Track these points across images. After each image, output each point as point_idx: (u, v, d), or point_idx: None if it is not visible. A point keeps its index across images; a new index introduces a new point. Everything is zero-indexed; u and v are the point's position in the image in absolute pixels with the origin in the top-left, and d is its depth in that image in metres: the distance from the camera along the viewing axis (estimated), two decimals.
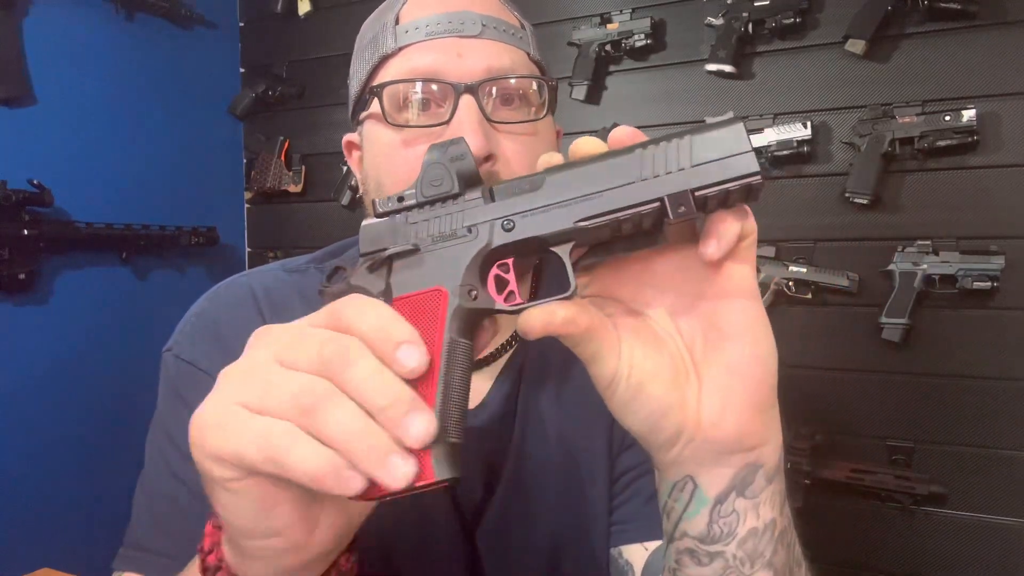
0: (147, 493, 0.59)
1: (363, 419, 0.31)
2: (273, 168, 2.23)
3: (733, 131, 0.36)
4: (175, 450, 0.58)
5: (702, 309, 0.39)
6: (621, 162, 0.37)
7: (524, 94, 0.59)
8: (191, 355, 0.60)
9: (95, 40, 1.88)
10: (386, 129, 0.59)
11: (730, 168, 0.35)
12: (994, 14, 1.45)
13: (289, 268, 0.67)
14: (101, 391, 1.84)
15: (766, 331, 0.38)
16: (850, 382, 1.60)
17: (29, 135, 1.71)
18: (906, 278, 1.49)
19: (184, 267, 2.08)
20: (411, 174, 0.56)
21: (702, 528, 0.40)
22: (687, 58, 1.74)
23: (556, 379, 0.65)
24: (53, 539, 1.70)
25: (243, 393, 0.33)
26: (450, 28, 0.58)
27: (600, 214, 0.37)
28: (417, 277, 0.39)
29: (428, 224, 0.40)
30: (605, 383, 0.38)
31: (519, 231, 0.38)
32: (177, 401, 0.59)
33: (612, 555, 0.66)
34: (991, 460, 1.48)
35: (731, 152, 0.36)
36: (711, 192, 0.35)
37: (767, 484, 0.39)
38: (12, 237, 1.62)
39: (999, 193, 1.46)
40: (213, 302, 0.64)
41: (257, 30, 2.31)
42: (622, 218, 0.36)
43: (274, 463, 0.31)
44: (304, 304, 0.62)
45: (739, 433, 0.38)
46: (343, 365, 0.32)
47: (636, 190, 0.36)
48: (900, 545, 1.56)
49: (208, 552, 0.37)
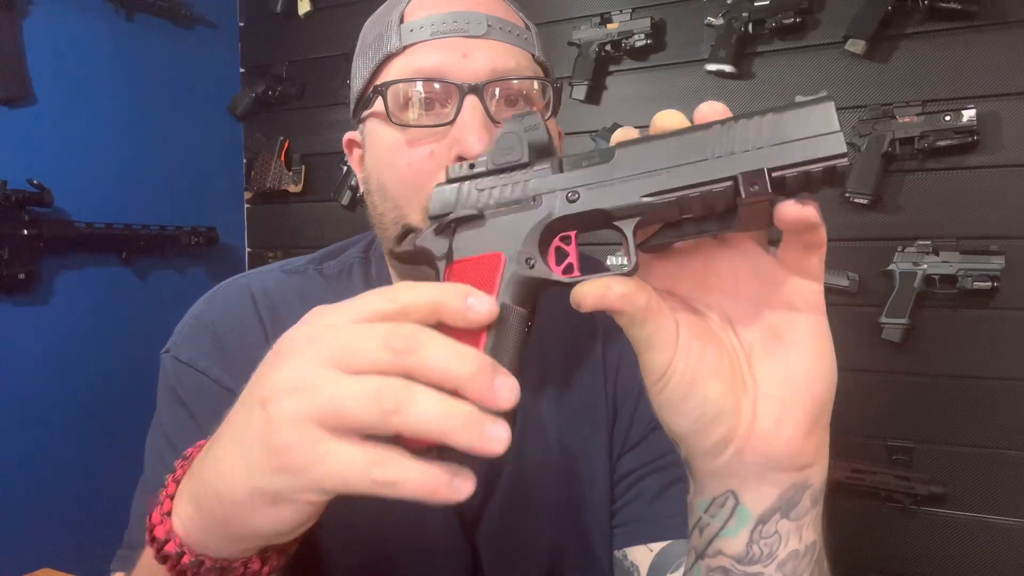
0: (146, 495, 0.59)
1: (447, 400, 0.30)
2: (273, 168, 2.23)
3: (821, 109, 0.33)
4: (173, 452, 0.58)
5: (765, 317, 0.37)
6: (696, 138, 0.35)
7: (528, 95, 0.59)
8: (189, 356, 0.60)
9: (95, 40, 1.88)
10: (389, 128, 0.58)
11: (814, 148, 0.33)
12: (994, 14, 1.45)
13: (288, 269, 0.67)
14: (101, 391, 1.84)
15: (830, 348, 0.37)
16: (850, 382, 1.57)
17: (29, 135, 1.71)
18: (906, 278, 1.49)
19: (184, 267, 2.08)
20: (415, 174, 0.56)
21: (740, 548, 0.38)
22: (687, 58, 1.74)
23: (556, 382, 0.65)
24: (53, 539, 1.69)
25: (315, 413, 0.30)
26: (455, 28, 0.57)
27: (668, 190, 0.35)
28: (478, 242, 0.39)
29: (495, 191, 0.40)
30: (656, 375, 0.36)
31: (583, 203, 0.37)
32: (176, 403, 0.59)
33: (617, 558, 0.66)
34: (991, 460, 1.48)
35: (816, 132, 0.33)
36: (790, 173, 0.33)
37: (812, 507, 0.38)
38: (12, 237, 1.62)
39: (999, 193, 1.46)
40: (211, 304, 0.64)
41: (257, 30, 2.31)
42: (692, 195, 0.35)
43: (385, 485, 0.30)
44: (303, 305, 0.62)
45: (791, 450, 0.36)
46: (417, 349, 0.31)
47: (709, 167, 0.34)
48: (900, 545, 1.55)
49: (165, 541, 0.36)
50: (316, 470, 0.30)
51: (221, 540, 0.35)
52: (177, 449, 0.57)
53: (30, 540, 1.65)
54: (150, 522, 0.37)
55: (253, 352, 0.58)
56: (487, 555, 0.62)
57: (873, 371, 1.57)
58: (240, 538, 0.35)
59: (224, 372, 0.59)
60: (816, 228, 0.34)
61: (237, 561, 0.36)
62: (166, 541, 0.36)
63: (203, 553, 0.36)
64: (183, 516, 0.36)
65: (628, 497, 0.65)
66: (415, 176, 0.57)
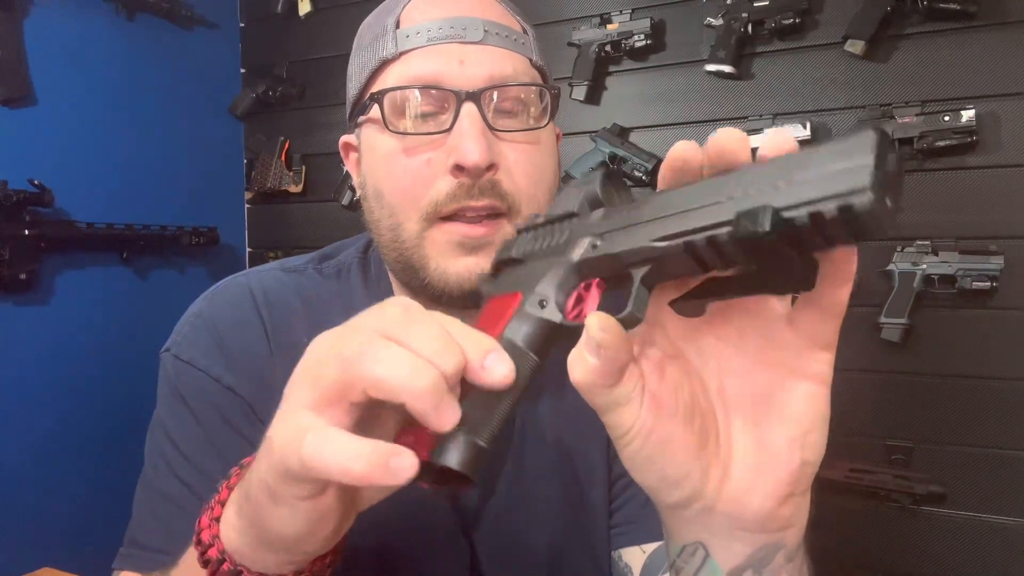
0: (147, 493, 0.59)
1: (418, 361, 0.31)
2: (273, 168, 2.23)
3: (855, 141, 0.26)
4: (175, 450, 0.58)
5: (760, 378, 0.34)
6: (723, 180, 0.31)
7: (526, 102, 0.59)
8: (190, 355, 0.60)
9: (96, 40, 1.88)
10: (386, 136, 0.58)
11: (830, 184, 0.26)
12: (994, 14, 1.45)
13: (287, 268, 0.67)
14: (101, 391, 1.84)
15: (823, 422, 0.34)
16: (850, 382, 1.59)
17: (29, 135, 1.71)
18: (905, 278, 1.49)
19: (184, 267, 2.08)
20: (412, 182, 0.56)
21: None
22: (687, 58, 1.74)
23: (555, 383, 0.65)
24: (53, 539, 1.70)
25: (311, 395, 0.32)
26: (452, 34, 0.57)
27: (673, 235, 0.31)
28: (510, 282, 0.40)
29: (542, 240, 0.41)
30: (619, 433, 0.34)
31: (602, 248, 0.36)
32: (176, 401, 0.59)
33: (612, 558, 0.66)
34: (991, 460, 1.48)
35: (842, 166, 0.26)
36: (797, 214, 0.27)
37: (786, 563, 0.36)
38: (13, 237, 1.62)
39: (998, 193, 1.46)
40: (211, 303, 0.64)
41: (258, 30, 2.31)
42: (696, 241, 0.30)
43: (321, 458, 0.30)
44: (303, 304, 0.63)
45: (762, 515, 0.34)
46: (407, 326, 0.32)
47: (718, 209, 0.30)
48: (900, 545, 1.55)
49: (209, 546, 0.37)
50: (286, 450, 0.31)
51: (256, 549, 0.36)
52: (178, 446, 0.57)
53: (30, 540, 1.65)
54: (199, 525, 0.38)
55: (253, 350, 0.59)
56: (486, 555, 0.63)
57: (872, 371, 1.57)
58: (269, 545, 0.35)
59: (225, 371, 0.59)
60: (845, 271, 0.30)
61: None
62: (210, 546, 0.37)
63: (242, 564, 0.36)
64: (228, 522, 0.37)
65: (623, 499, 0.66)
66: (412, 184, 0.57)
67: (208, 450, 0.57)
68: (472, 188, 0.55)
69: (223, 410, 0.58)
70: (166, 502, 0.57)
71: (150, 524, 0.58)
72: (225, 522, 0.37)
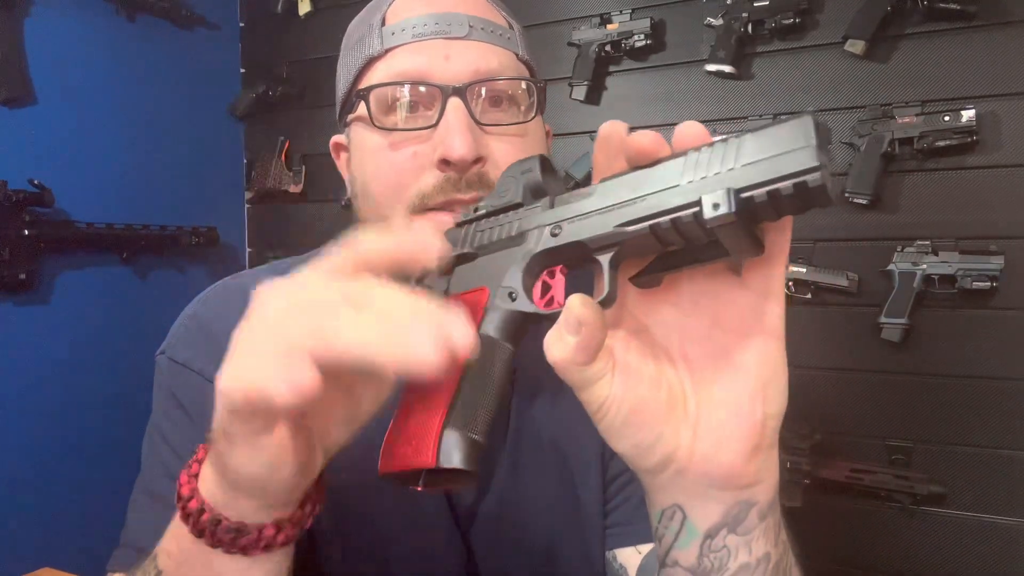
0: (142, 495, 0.59)
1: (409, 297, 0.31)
2: (273, 168, 2.23)
3: (797, 124, 0.31)
4: (170, 452, 0.58)
5: (718, 338, 0.36)
6: (672, 165, 0.34)
7: (513, 95, 0.59)
8: (185, 357, 0.60)
9: (96, 40, 1.89)
10: (373, 133, 0.58)
11: (783, 165, 0.30)
12: (994, 14, 1.45)
13: (279, 269, 0.67)
14: (101, 391, 1.84)
15: (781, 375, 0.36)
16: (850, 382, 1.60)
17: (29, 135, 1.71)
18: (905, 278, 1.49)
19: (184, 267, 2.08)
20: (398, 177, 0.57)
21: (692, 560, 0.39)
22: (687, 58, 1.74)
23: (550, 383, 0.65)
24: (53, 539, 1.70)
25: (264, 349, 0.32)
26: (437, 29, 0.57)
27: (638, 219, 0.34)
28: (469, 278, 0.42)
29: (491, 231, 0.42)
30: (594, 408, 0.37)
31: (563, 236, 0.38)
32: (172, 403, 0.60)
33: (607, 559, 0.66)
34: (991, 460, 1.48)
35: (789, 148, 0.31)
36: (756, 193, 0.31)
37: (760, 521, 0.38)
38: (12, 237, 1.62)
39: (998, 193, 1.46)
40: (205, 304, 0.64)
41: (257, 30, 2.31)
42: (662, 223, 0.33)
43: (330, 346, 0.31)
44: None
45: (732, 472, 0.36)
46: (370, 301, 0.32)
47: (677, 193, 0.33)
48: (900, 545, 1.56)
49: (189, 499, 0.38)
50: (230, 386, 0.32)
51: (228, 495, 0.37)
52: (174, 449, 0.57)
53: (30, 540, 1.65)
54: (178, 483, 0.38)
55: None
56: (481, 553, 0.63)
57: (872, 371, 1.57)
58: (238, 488, 0.36)
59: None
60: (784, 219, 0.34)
61: (252, 525, 0.37)
62: (190, 499, 0.38)
63: (221, 512, 0.37)
64: (206, 477, 0.38)
65: (618, 500, 0.66)
66: (398, 177, 0.57)
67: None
68: (459, 181, 0.55)
69: None
70: (160, 503, 0.57)
71: (144, 525, 0.57)
72: (203, 477, 0.38)
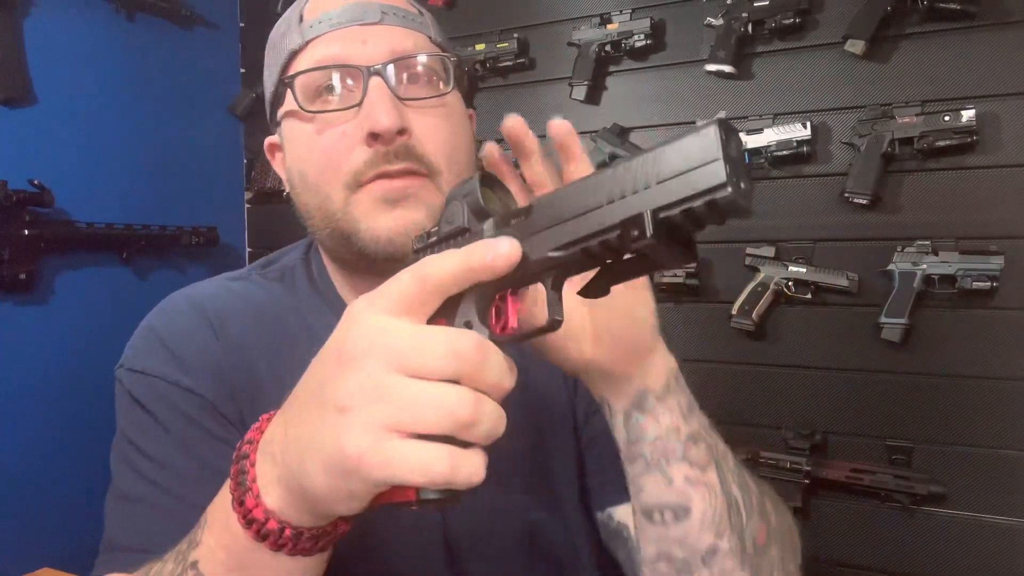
0: (116, 501, 0.60)
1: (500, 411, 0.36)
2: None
3: (703, 137, 0.31)
4: (137, 453, 0.59)
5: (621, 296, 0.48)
6: (597, 183, 0.35)
7: (429, 73, 0.62)
8: (143, 365, 0.62)
9: (95, 40, 1.88)
10: (302, 121, 0.62)
11: (694, 182, 0.31)
12: (994, 14, 1.45)
13: (232, 277, 0.70)
14: (101, 391, 1.81)
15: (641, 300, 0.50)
16: (850, 382, 1.60)
17: (29, 135, 1.71)
18: (906, 278, 1.49)
19: (184, 267, 2.08)
20: (330, 157, 0.60)
21: (623, 434, 0.52)
22: (687, 58, 1.74)
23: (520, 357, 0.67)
24: (53, 539, 1.70)
25: (390, 421, 0.34)
26: (352, 18, 0.61)
27: (569, 243, 0.35)
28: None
29: None
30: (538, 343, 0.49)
31: None
32: (135, 409, 0.61)
33: (601, 519, 0.69)
34: (991, 460, 1.48)
35: (698, 162, 0.31)
36: (672, 213, 0.31)
37: (658, 402, 0.51)
38: (13, 237, 1.62)
39: (999, 193, 1.46)
40: (159, 316, 0.66)
41: (257, 30, 2.31)
42: (591, 247, 0.35)
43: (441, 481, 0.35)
44: (249, 307, 0.66)
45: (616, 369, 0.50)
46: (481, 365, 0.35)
47: (604, 214, 0.34)
48: (900, 545, 1.56)
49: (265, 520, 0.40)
50: (379, 471, 0.34)
51: (311, 517, 0.39)
52: (141, 450, 0.58)
53: (30, 540, 1.65)
54: (244, 507, 0.40)
55: (206, 354, 0.63)
56: (458, 528, 0.63)
57: (873, 371, 1.57)
58: (325, 516, 0.40)
59: (182, 375, 0.61)
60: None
61: (328, 526, 0.40)
62: (266, 520, 0.39)
63: (299, 526, 0.39)
64: (276, 498, 0.39)
65: (607, 457, 0.67)
66: (330, 158, 0.60)
67: (174, 447, 0.59)
68: (388, 154, 0.58)
69: (185, 411, 0.60)
70: (135, 503, 0.58)
71: (123, 528, 0.59)
72: (270, 496, 0.39)
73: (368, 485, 0.35)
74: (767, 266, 1.61)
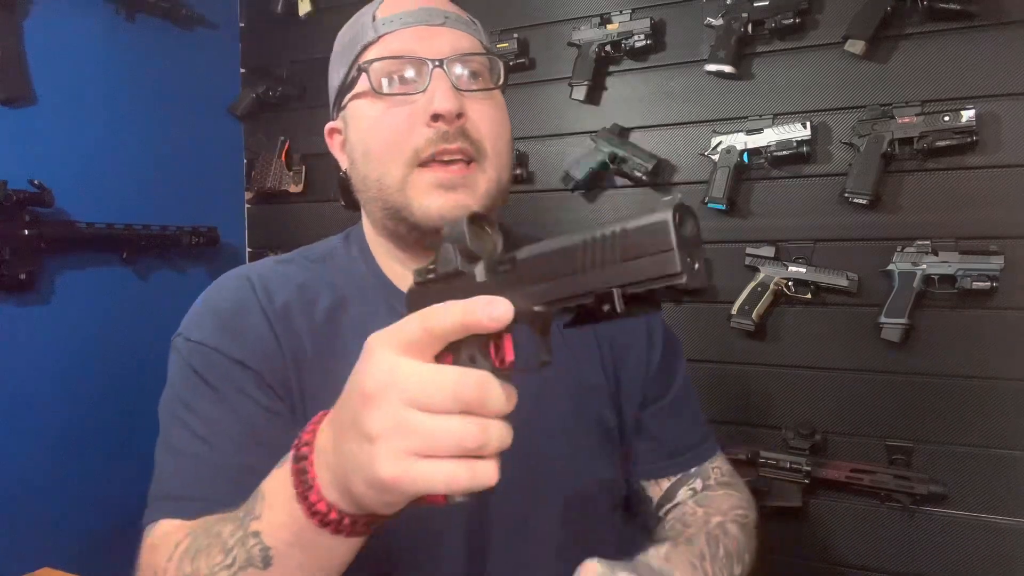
0: (171, 453, 0.66)
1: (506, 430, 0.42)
2: (273, 168, 2.23)
3: (657, 227, 0.36)
4: (193, 415, 0.66)
5: None
6: (573, 248, 0.40)
7: (482, 69, 0.73)
8: (200, 336, 0.69)
9: (96, 40, 1.88)
10: (373, 102, 0.71)
11: (654, 267, 0.36)
12: (994, 14, 1.45)
13: (280, 260, 0.79)
14: (101, 391, 1.84)
15: None
16: (850, 382, 1.60)
17: (29, 135, 1.71)
18: (905, 278, 1.49)
19: (184, 267, 2.08)
20: (396, 134, 0.69)
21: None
22: (687, 58, 1.74)
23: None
24: (53, 539, 1.69)
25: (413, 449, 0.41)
26: (420, 19, 0.71)
27: (551, 302, 0.41)
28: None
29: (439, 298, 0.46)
30: None
31: None
32: (191, 376, 0.68)
33: (637, 488, 0.83)
34: (991, 460, 1.48)
35: (656, 249, 0.36)
36: (637, 290, 0.37)
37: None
38: (13, 237, 1.62)
39: (998, 193, 1.46)
40: (215, 290, 0.74)
41: (257, 31, 2.31)
42: (568, 305, 0.41)
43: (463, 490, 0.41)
44: (294, 288, 0.74)
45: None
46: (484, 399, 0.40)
47: (575, 282, 0.40)
48: (900, 545, 1.56)
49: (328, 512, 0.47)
50: (411, 488, 0.41)
51: (352, 507, 0.46)
52: (195, 411, 0.67)
53: (30, 540, 1.65)
54: (309, 502, 0.47)
55: (255, 329, 0.71)
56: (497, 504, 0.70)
57: (872, 371, 1.57)
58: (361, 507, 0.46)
59: (232, 347, 0.68)
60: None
61: (364, 515, 0.47)
62: (328, 512, 0.47)
63: (356, 514, 0.47)
64: (334, 498, 0.46)
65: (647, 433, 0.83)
66: (396, 135, 0.69)
67: (224, 411, 0.66)
68: (447, 134, 0.67)
69: (235, 381, 0.67)
70: (191, 459, 0.65)
71: (178, 478, 0.65)
72: (330, 495, 0.46)
73: (404, 498, 0.43)
74: (767, 266, 1.62)
